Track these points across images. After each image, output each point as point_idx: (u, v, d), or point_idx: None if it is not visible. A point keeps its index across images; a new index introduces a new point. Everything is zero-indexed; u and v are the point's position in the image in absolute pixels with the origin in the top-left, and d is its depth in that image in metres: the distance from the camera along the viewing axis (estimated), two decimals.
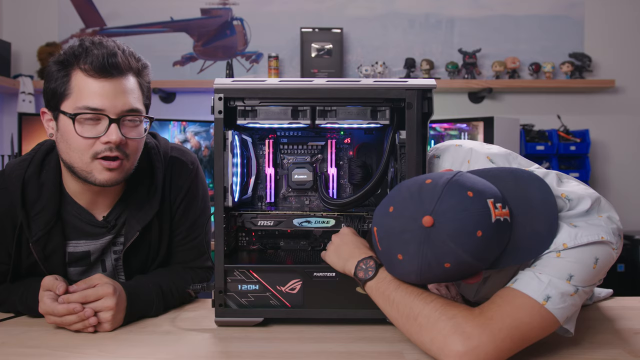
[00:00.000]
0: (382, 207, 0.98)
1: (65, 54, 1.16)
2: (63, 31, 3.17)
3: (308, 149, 1.33)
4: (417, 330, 0.94)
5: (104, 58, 1.12)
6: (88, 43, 1.15)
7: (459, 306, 0.94)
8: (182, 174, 1.32)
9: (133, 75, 1.19)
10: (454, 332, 0.90)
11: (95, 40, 1.16)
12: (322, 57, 3.06)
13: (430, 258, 0.90)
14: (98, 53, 1.13)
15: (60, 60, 1.15)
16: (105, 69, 1.13)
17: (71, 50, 1.15)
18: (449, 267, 0.90)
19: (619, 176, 3.22)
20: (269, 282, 1.13)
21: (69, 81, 1.14)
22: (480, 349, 0.89)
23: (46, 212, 1.20)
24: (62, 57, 1.16)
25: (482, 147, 1.17)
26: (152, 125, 1.26)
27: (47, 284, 1.10)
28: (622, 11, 3.20)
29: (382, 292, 1.00)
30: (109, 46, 1.15)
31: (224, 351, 1.02)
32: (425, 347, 0.94)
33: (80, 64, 1.13)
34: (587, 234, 0.97)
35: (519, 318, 0.92)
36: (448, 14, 3.19)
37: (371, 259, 1.04)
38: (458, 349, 0.88)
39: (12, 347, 1.02)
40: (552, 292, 0.93)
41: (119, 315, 1.11)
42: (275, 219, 1.21)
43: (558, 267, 0.95)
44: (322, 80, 1.13)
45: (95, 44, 1.15)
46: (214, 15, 3.19)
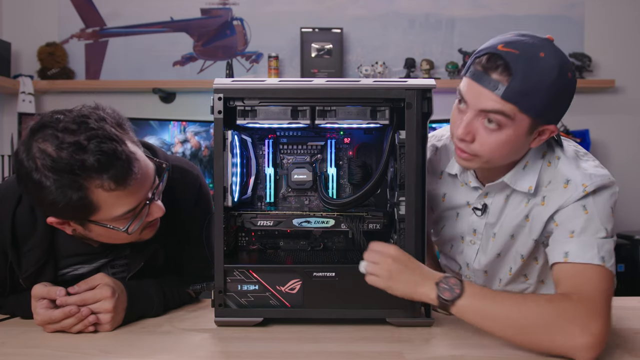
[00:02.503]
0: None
1: (60, 161, 0.95)
2: (63, 31, 3.17)
3: (308, 148, 1.33)
4: (534, 337, 0.97)
5: (124, 172, 0.99)
6: (83, 140, 0.96)
7: (556, 299, 1.00)
8: (187, 189, 1.27)
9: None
10: (573, 328, 0.95)
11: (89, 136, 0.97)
12: (322, 57, 3.06)
13: (564, 58, 1.05)
14: (113, 167, 0.97)
15: (60, 169, 0.96)
16: (128, 181, 1.01)
17: (70, 158, 0.95)
18: (571, 77, 1.05)
19: (619, 176, 3.20)
20: (268, 282, 1.13)
21: (89, 198, 0.99)
22: (600, 331, 0.96)
23: (39, 250, 1.14)
24: (59, 166, 0.95)
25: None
26: (152, 125, 1.25)
27: (38, 293, 1.08)
28: (622, 11, 3.20)
29: (479, 309, 1.00)
30: (111, 148, 0.98)
31: (224, 351, 1.02)
32: (548, 350, 0.97)
33: (96, 180, 0.98)
34: (599, 175, 1.11)
35: (603, 289, 1.02)
36: (448, 14, 3.19)
37: (450, 277, 1.03)
38: (586, 341, 0.95)
39: (12, 347, 1.02)
40: (603, 253, 1.05)
41: (119, 317, 1.11)
42: (275, 219, 1.21)
43: (593, 226, 1.07)
44: (322, 80, 1.13)
45: (90, 139, 0.96)
46: (214, 15, 3.18)
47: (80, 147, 0.96)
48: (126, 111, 1.15)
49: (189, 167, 1.32)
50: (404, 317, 1.13)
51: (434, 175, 1.35)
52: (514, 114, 1.04)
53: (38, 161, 0.96)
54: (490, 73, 1.04)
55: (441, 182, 1.34)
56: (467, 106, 1.08)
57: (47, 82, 3.02)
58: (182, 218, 1.26)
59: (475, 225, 1.28)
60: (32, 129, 1.00)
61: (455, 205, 1.31)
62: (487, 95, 1.04)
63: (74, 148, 0.95)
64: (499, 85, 1.03)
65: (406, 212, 1.12)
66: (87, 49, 3.17)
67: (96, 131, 0.98)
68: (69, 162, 0.95)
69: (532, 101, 1.03)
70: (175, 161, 1.29)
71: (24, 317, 1.16)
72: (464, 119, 1.08)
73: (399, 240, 1.16)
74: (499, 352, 1.01)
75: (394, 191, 1.21)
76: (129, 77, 3.10)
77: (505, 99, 1.03)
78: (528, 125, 1.06)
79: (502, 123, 1.05)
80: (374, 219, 1.21)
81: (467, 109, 1.08)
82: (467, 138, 1.08)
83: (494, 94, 1.03)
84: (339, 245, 1.31)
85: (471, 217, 1.28)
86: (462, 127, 1.08)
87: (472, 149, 1.10)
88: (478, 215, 1.26)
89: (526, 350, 0.99)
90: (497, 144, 1.08)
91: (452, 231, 1.34)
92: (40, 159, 0.96)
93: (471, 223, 1.28)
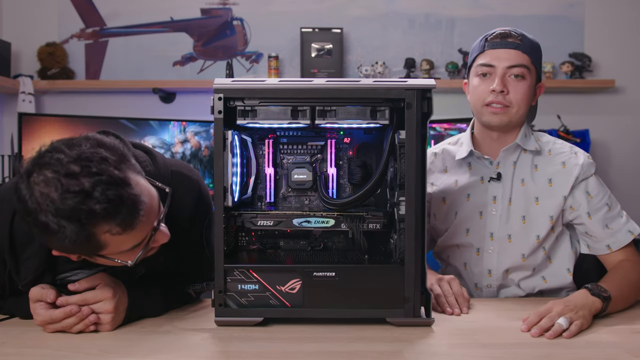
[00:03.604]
0: None
1: (66, 210, 0.92)
2: (63, 31, 3.17)
3: (308, 148, 1.33)
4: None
5: (131, 218, 0.97)
6: (88, 187, 0.92)
7: (627, 266, 1.40)
8: (187, 195, 1.26)
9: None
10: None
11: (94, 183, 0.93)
12: (322, 57, 3.06)
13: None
14: (119, 213, 0.95)
15: (65, 217, 0.93)
16: (134, 225, 0.99)
17: (76, 206, 0.92)
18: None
19: (619, 176, 3.22)
20: (268, 282, 1.13)
21: (96, 240, 0.98)
22: None
23: (37, 258, 1.12)
24: (64, 214, 0.93)
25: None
26: (152, 125, 1.23)
27: (35, 295, 1.07)
28: (622, 11, 3.20)
29: (619, 295, 1.26)
30: (116, 195, 0.94)
31: (224, 351, 1.02)
32: None
33: (103, 226, 0.96)
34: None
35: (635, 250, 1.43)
36: (448, 14, 3.19)
37: (593, 285, 1.24)
38: None
39: (12, 347, 1.02)
40: (627, 227, 1.44)
41: (119, 317, 1.11)
42: (275, 218, 1.21)
43: (611, 201, 1.44)
44: (322, 80, 1.13)
45: (95, 186, 0.93)
46: (214, 15, 3.18)
47: (86, 195, 0.92)
48: (126, 111, 1.13)
49: (188, 172, 1.30)
50: (404, 317, 1.13)
51: (439, 173, 1.59)
52: (529, 64, 1.43)
53: (42, 205, 0.93)
54: (507, 38, 1.43)
55: (448, 174, 1.57)
56: (494, 69, 1.43)
57: (47, 82, 3.02)
58: (182, 225, 1.24)
59: (495, 192, 1.49)
60: (32, 166, 0.96)
61: (467, 186, 1.52)
62: (511, 52, 1.42)
63: (79, 197, 0.92)
64: (516, 43, 1.43)
65: (406, 212, 1.12)
66: (87, 49, 3.17)
67: (100, 177, 0.94)
68: (74, 211, 0.92)
69: (536, 54, 1.45)
70: (174, 166, 1.27)
71: (23, 317, 1.16)
72: (496, 78, 1.42)
73: (399, 240, 1.16)
74: (499, 352, 1.01)
75: (394, 191, 1.21)
76: (129, 77, 3.10)
77: (524, 52, 1.42)
78: (535, 77, 1.46)
79: (524, 74, 1.42)
80: (374, 219, 1.21)
81: (494, 72, 1.43)
82: (504, 89, 1.42)
83: (514, 50, 1.42)
84: (339, 245, 1.31)
85: (489, 188, 1.49)
86: (499, 82, 1.41)
87: (507, 99, 1.43)
88: (497, 182, 1.48)
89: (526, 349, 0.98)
90: (525, 91, 1.43)
91: (468, 211, 1.51)
92: (44, 204, 0.92)
93: (490, 192, 1.49)
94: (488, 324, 1.18)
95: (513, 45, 1.42)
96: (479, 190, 1.50)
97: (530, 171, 1.48)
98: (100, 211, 0.93)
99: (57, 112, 3.04)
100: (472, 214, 1.51)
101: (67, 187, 0.92)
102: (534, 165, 1.49)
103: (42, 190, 0.93)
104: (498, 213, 1.48)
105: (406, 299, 1.12)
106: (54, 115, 2.78)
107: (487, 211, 1.49)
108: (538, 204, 1.46)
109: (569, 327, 1.10)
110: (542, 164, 1.48)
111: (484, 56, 1.45)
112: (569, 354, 1.00)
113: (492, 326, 1.17)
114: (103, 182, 0.93)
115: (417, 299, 1.12)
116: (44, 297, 1.07)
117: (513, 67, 1.41)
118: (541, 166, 1.48)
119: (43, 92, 3.12)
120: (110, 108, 3.08)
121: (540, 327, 1.11)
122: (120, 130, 2.67)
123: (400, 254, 1.15)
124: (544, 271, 1.49)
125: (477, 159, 1.52)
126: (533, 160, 1.49)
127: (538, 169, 1.48)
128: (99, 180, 0.93)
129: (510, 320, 1.21)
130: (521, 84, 1.42)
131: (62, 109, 3.08)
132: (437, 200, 1.56)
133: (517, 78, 1.42)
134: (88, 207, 0.92)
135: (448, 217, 1.54)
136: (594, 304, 1.19)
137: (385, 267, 1.16)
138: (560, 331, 1.10)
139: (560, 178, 1.45)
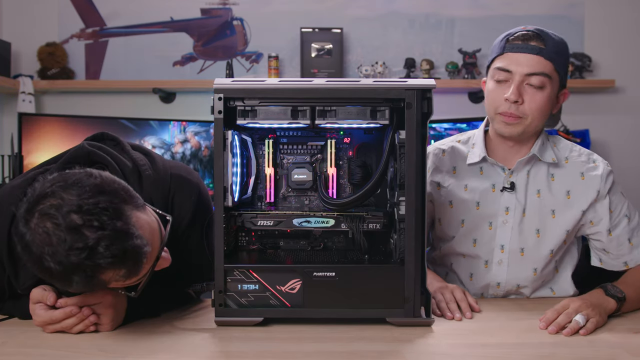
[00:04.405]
0: None
1: (70, 263, 0.92)
2: (63, 31, 3.17)
3: (308, 148, 1.33)
4: None
5: (135, 268, 0.98)
6: (92, 242, 0.91)
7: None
8: (186, 199, 1.24)
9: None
10: None
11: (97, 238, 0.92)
12: (322, 57, 3.06)
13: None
14: (124, 265, 0.96)
15: (70, 269, 0.92)
16: (138, 272, 1.00)
17: (80, 262, 0.92)
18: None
19: (619, 176, 3.20)
20: (268, 282, 1.13)
21: (101, 282, 0.97)
22: None
23: None
24: (69, 266, 0.92)
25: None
26: (152, 125, 1.23)
27: (36, 297, 1.07)
28: (622, 11, 3.20)
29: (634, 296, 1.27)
30: (120, 249, 0.94)
31: (224, 351, 1.02)
32: None
33: (108, 274, 0.96)
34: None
35: None
36: (448, 14, 3.19)
37: (609, 286, 1.25)
38: None
39: (12, 347, 1.02)
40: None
41: (119, 318, 1.11)
42: (275, 219, 1.21)
43: (630, 211, 1.41)
44: (322, 80, 1.13)
45: (99, 241, 0.92)
46: (214, 15, 3.18)
47: (90, 250, 0.91)
48: (126, 111, 1.12)
49: (188, 175, 1.28)
50: (404, 317, 1.13)
51: (447, 172, 1.48)
52: (551, 73, 1.31)
53: (45, 254, 0.92)
54: (528, 42, 1.31)
55: (457, 175, 1.47)
56: (512, 75, 1.31)
57: (47, 82, 3.02)
58: (181, 228, 1.24)
59: (508, 203, 1.40)
60: (29, 209, 0.93)
61: (477, 194, 1.42)
62: (530, 58, 1.30)
63: (84, 254, 0.91)
64: (538, 48, 1.30)
65: (406, 212, 1.12)
66: (87, 49, 3.17)
67: (103, 231, 0.92)
68: (79, 265, 0.92)
69: (561, 59, 1.32)
70: (174, 168, 1.26)
71: (22, 318, 1.16)
72: (512, 86, 1.31)
73: (399, 240, 1.16)
74: (499, 352, 1.01)
75: (394, 191, 1.21)
76: (129, 77, 3.10)
77: (546, 57, 1.30)
78: (558, 84, 1.34)
79: (544, 83, 1.31)
80: (374, 219, 1.21)
81: (511, 78, 1.31)
82: (519, 99, 1.31)
83: (535, 55, 1.30)
84: (339, 245, 1.31)
85: (502, 197, 1.41)
86: (514, 91, 1.30)
87: (521, 110, 1.32)
88: (510, 192, 1.40)
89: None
90: (542, 102, 1.32)
91: (476, 221, 1.43)
92: (47, 253, 0.92)
93: (503, 202, 1.41)
94: (488, 324, 1.18)
95: (535, 50, 1.30)
96: (490, 200, 1.42)
97: (546, 181, 1.40)
98: (105, 265, 0.93)
99: (57, 112, 3.04)
100: (480, 224, 1.42)
101: (70, 244, 0.91)
102: (550, 174, 1.40)
103: (45, 240, 0.92)
104: (510, 224, 1.40)
105: (406, 299, 1.12)
106: (54, 115, 2.78)
107: (498, 222, 1.41)
108: (554, 217, 1.39)
109: (585, 325, 1.10)
110: (559, 174, 1.40)
111: (503, 59, 1.34)
112: (569, 354, 1.00)
113: (492, 326, 1.17)
114: (106, 237, 0.92)
115: (417, 299, 1.12)
116: (44, 299, 1.07)
117: (532, 75, 1.30)
118: (558, 177, 1.40)
119: (43, 92, 3.12)
120: (110, 108, 3.08)
121: (557, 324, 1.11)
122: (120, 130, 2.67)
123: (400, 254, 1.15)
124: (552, 282, 1.45)
125: (490, 165, 1.43)
126: (549, 170, 1.41)
127: (555, 179, 1.40)
128: (102, 235, 0.92)
129: (511, 320, 1.21)
130: (539, 94, 1.31)
131: (62, 109, 3.08)
132: (444, 205, 1.46)
133: (535, 87, 1.31)
134: (93, 262, 0.92)
135: (453, 223, 1.45)
136: (609, 303, 1.20)
137: (385, 267, 1.16)
138: (577, 328, 1.10)
139: (578, 191, 1.38)
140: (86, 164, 1.14)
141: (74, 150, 1.17)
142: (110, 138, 1.24)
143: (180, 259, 1.22)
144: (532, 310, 1.29)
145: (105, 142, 1.23)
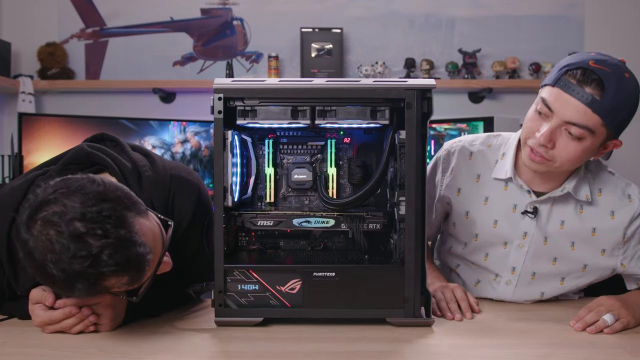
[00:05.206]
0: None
1: (74, 271, 0.91)
2: (63, 31, 3.17)
3: (308, 148, 1.33)
4: None
5: (138, 275, 0.98)
6: (95, 251, 0.91)
7: None
8: (186, 200, 1.24)
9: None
10: None
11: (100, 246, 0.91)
12: (322, 57, 3.06)
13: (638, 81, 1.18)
14: (127, 273, 0.95)
15: (74, 276, 0.92)
16: (141, 279, 1.00)
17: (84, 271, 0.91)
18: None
19: None
20: (268, 282, 1.13)
21: (103, 288, 0.97)
22: None
23: None
24: (73, 274, 0.92)
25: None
26: (152, 125, 1.23)
27: (35, 297, 1.07)
28: (622, 11, 3.20)
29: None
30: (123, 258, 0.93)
31: (224, 351, 1.02)
32: None
33: (111, 280, 0.95)
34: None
35: None
36: (448, 14, 3.19)
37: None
38: None
39: (12, 347, 1.02)
40: None
41: (118, 318, 1.11)
42: (275, 219, 1.21)
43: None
44: (322, 80, 1.13)
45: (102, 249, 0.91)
46: (214, 15, 3.18)
47: (94, 258, 0.91)
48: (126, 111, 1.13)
49: (188, 176, 1.27)
50: (404, 317, 1.13)
51: (471, 180, 1.39)
52: (596, 128, 1.15)
53: (48, 261, 0.91)
54: (584, 86, 1.13)
55: (480, 185, 1.37)
56: (553, 114, 1.17)
57: (47, 82, 3.02)
58: (181, 229, 1.24)
59: (527, 228, 1.32)
60: (31, 216, 0.93)
61: (496, 211, 1.34)
62: (577, 106, 1.14)
63: (87, 262, 0.91)
64: (592, 98, 1.12)
65: (406, 212, 1.12)
66: (87, 49, 3.17)
67: (106, 240, 0.92)
68: (83, 273, 0.92)
69: (616, 117, 1.16)
70: (174, 169, 1.25)
71: (22, 318, 1.16)
72: (547, 127, 1.17)
73: (399, 240, 1.16)
74: (499, 352, 1.01)
75: (394, 191, 1.21)
76: (129, 77, 3.10)
77: (595, 111, 1.13)
78: (604, 139, 1.20)
79: (583, 135, 1.16)
80: (374, 219, 1.21)
81: (552, 117, 1.17)
82: (549, 145, 1.18)
83: (584, 105, 1.13)
84: (339, 245, 1.31)
85: (522, 221, 1.32)
86: (546, 135, 1.17)
87: (550, 154, 1.20)
88: (531, 218, 1.30)
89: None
90: (576, 153, 1.18)
91: (491, 239, 1.36)
92: (50, 260, 0.91)
93: (522, 226, 1.32)
94: (488, 324, 1.18)
95: (587, 99, 1.12)
96: (509, 221, 1.33)
97: (574, 214, 1.30)
98: (108, 273, 0.93)
99: (57, 112, 3.04)
100: (494, 243, 1.36)
101: (74, 252, 0.90)
102: (580, 206, 1.30)
103: (48, 248, 0.91)
104: (526, 249, 1.32)
105: (406, 299, 1.12)
106: (54, 115, 2.78)
107: (513, 245, 1.33)
108: (574, 249, 1.31)
109: (613, 324, 1.09)
110: (589, 210, 1.29)
111: (551, 92, 1.18)
112: (570, 354, 1.00)
113: (492, 326, 1.17)
114: (110, 245, 0.92)
115: (417, 299, 1.12)
116: (43, 299, 1.06)
117: (572, 124, 1.15)
118: (587, 211, 1.29)
119: (43, 92, 3.12)
120: (110, 108, 3.08)
121: (584, 322, 1.10)
122: (120, 130, 2.67)
123: (400, 254, 1.15)
124: (557, 295, 1.39)
125: (516, 184, 1.33)
126: (578, 202, 1.30)
127: (583, 213, 1.29)
128: (105, 244, 0.92)
129: (510, 320, 1.21)
130: (574, 144, 1.17)
131: (62, 109, 3.08)
132: (460, 213, 1.38)
133: (572, 136, 1.17)
134: (96, 270, 0.92)
135: (467, 233, 1.39)
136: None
137: (385, 267, 1.16)
138: (603, 327, 1.09)
139: (606, 230, 1.29)
140: (86, 166, 1.14)
141: (74, 152, 1.17)
142: (110, 139, 1.24)
143: (180, 259, 1.22)
144: (532, 311, 1.29)
145: (104, 143, 1.23)
